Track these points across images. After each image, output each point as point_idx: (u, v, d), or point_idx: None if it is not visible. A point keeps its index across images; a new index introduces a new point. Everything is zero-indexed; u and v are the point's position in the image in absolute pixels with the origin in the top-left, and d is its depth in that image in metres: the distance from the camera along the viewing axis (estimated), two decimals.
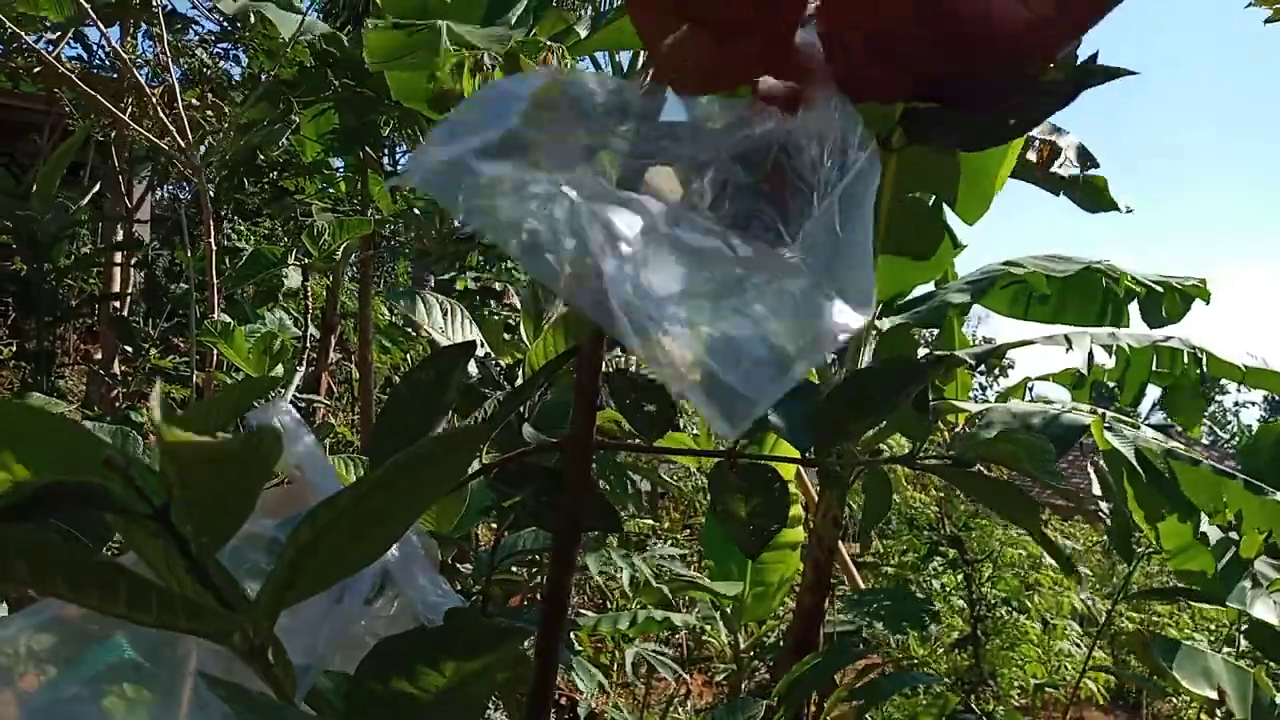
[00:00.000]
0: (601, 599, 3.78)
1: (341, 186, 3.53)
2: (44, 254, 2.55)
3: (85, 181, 3.45)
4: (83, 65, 3.31)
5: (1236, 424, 28.21)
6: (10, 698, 0.43)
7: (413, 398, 0.56)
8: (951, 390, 2.69)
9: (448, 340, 1.03)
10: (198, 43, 2.99)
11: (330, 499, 0.34)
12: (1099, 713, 5.13)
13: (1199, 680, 1.99)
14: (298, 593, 0.38)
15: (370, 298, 3.14)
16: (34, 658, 0.44)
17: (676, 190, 0.46)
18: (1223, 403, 28.03)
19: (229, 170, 3.07)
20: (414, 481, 0.32)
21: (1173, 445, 2.06)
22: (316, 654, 0.44)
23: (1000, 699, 3.40)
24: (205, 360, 2.57)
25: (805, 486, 2.95)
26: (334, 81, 2.55)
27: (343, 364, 5.13)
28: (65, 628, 0.45)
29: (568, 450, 0.60)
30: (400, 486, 0.32)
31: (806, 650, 2.36)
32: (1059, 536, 5.75)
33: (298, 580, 0.37)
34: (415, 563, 0.49)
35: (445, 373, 0.57)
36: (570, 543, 0.61)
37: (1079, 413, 2.03)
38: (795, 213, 0.45)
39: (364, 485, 0.31)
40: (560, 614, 0.60)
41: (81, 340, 4.75)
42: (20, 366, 4.04)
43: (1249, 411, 31.93)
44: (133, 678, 0.45)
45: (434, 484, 0.33)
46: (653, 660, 2.56)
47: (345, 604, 0.47)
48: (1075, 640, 4.05)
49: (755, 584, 2.76)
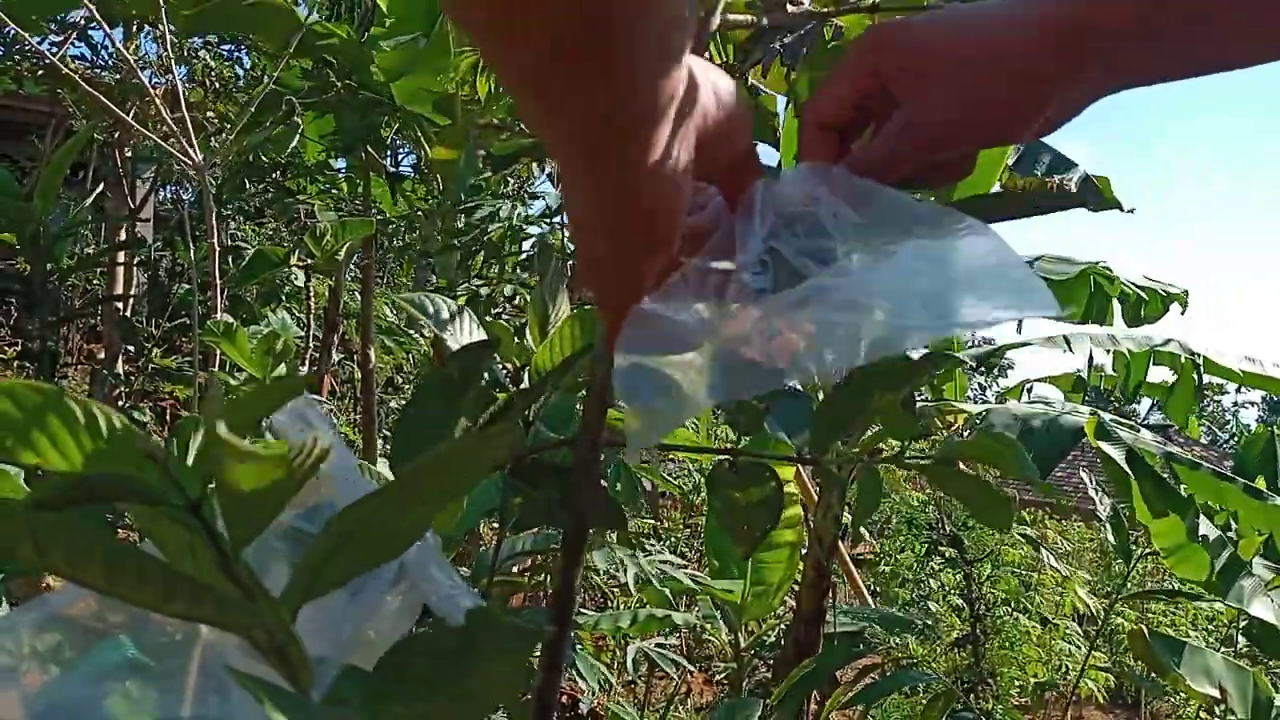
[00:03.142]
0: (603, 598, 3.79)
1: (344, 187, 3.54)
2: (47, 254, 2.56)
3: (88, 182, 3.46)
4: (87, 66, 3.32)
5: (1235, 424, 28.28)
6: (13, 698, 0.43)
7: (437, 393, 0.57)
8: (951, 391, 2.70)
9: (454, 341, 1.04)
10: (201, 44, 3.00)
11: (357, 503, 0.35)
12: (1098, 712, 5.14)
13: (1200, 679, 2.00)
14: (320, 589, 0.39)
15: (372, 298, 3.15)
16: (37, 656, 0.45)
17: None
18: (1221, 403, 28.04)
19: (232, 171, 3.08)
20: (440, 482, 0.33)
21: (1172, 448, 2.07)
22: (335, 649, 0.45)
23: (999, 698, 3.41)
24: (208, 360, 2.58)
25: (805, 486, 2.96)
26: (335, 83, 2.56)
27: (345, 364, 5.15)
28: (68, 626, 0.45)
29: (578, 447, 0.61)
30: (429, 483, 0.33)
31: (807, 649, 2.37)
32: (1058, 538, 5.76)
33: (321, 578, 0.38)
34: (430, 557, 0.50)
35: (469, 370, 0.58)
36: (579, 539, 0.62)
37: (1078, 414, 2.04)
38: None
39: (395, 483, 0.32)
40: (569, 610, 0.61)
41: (85, 340, 4.76)
42: (24, 366, 4.05)
43: (1248, 412, 31.97)
44: (136, 676, 0.45)
45: (458, 485, 0.34)
46: (655, 656, 2.57)
47: (364, 598, 0.47)
48: (1075, 638, 4.06)
49: (755, 583, 2.76)
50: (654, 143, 0.36)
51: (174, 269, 3.53)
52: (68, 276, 2.89)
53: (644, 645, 2.62)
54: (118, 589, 0.30)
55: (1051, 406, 2.16)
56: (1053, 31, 0.45)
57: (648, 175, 0.37)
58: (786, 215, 0.47)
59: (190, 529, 0.32)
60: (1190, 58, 0.46)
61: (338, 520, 0.33)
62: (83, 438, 0.30)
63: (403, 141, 3.19)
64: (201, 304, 2.52)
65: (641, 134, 0.35)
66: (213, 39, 3.09)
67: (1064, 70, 0.46)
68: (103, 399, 3.07)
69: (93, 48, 3.26)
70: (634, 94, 0.33)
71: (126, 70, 2.51)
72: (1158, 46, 0.45)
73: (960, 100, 0.47)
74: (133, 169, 3.45)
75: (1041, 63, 0.46)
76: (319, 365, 3.56)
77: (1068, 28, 0.45)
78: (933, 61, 0.47)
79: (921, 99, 0.48)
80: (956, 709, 2.13)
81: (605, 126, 0.35)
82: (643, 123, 0.35)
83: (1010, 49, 0.46)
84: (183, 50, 2.86)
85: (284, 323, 2.58)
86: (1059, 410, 2.07)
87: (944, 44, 0.47)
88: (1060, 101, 0.48)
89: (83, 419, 0.31)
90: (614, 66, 0.32)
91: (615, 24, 0.31)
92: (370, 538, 0.36)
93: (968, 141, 0.50)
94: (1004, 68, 0.46)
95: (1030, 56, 0.46)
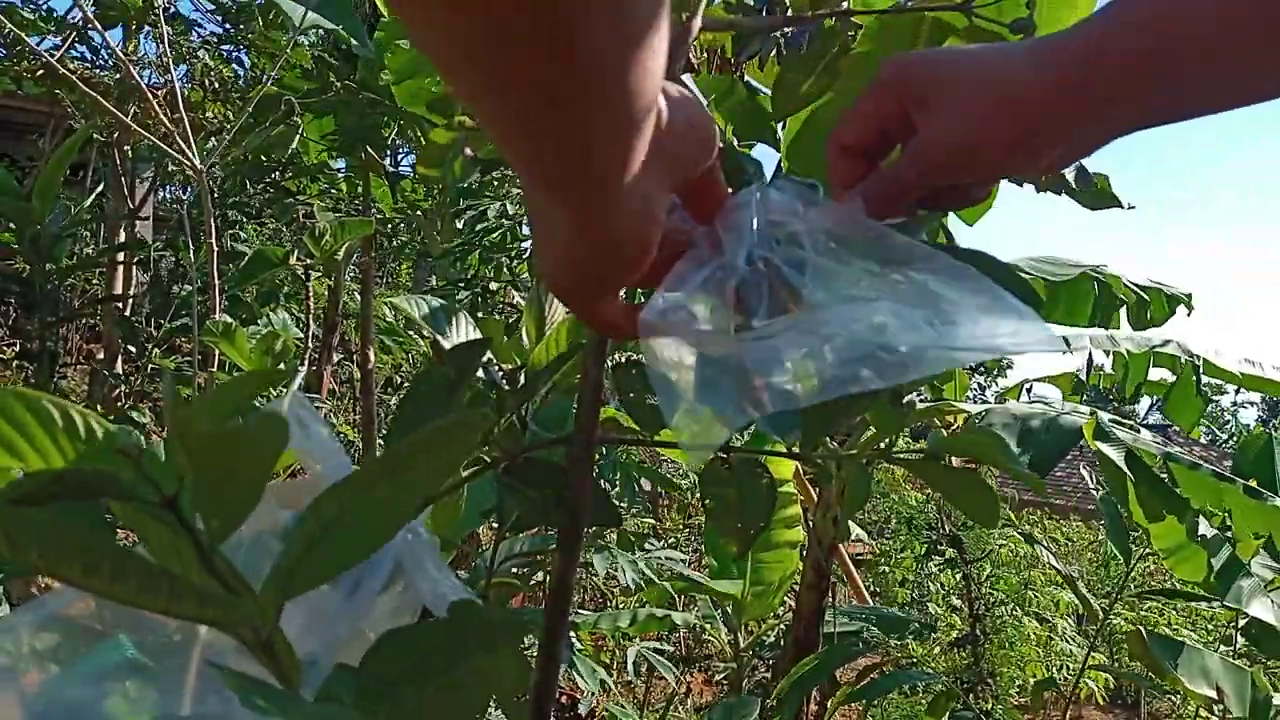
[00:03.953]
0: (602, 598, 3.79)
1: (343, 187, 3.54)
2: (46, 254, 2.56)
3: (87, 182, 3.46)
4: (87, 66, 3.33)
5: (1235, 424, 28.27)
6: (12, 698, 0.43)
7: (431, 392, 0.57)
8: (950, 390, 2.70)
9: (449, 341, 1.04)
10: (200, 44, 3.00)
11: (334, 488, 0.35)
12: (1098, 712, 5.13)
13: (1198, 679, 2.00)
14: (303, 582, 0.39)
15: (372, 298, 3.15)
16: (36, 656, 0.45)
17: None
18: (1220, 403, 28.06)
19: (232, 171, 3.08)
20: (418, 466, 0.33)
21: (1172, 448, 2.07)
22: (328, 647, 0.44)
23: (999, 698, 3.41)
24: (207, 360, 2.58)
25: (805, 487, 2.95)
26: (335, 83, 2.56)
27: (344, 364, 5.15)
28: (66, 625, 0.45)
29: (573, 444, 0.61)
30: (404, 471, 0.32)
31: (806, 649, 2.37)
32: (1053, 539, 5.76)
33: (302, 569, 0.38)
34: (426, 554, 0.50)
35: (463, 369, 0.58)
36: (575, 537, 0.62)
37: (1078, 414, 2.03)
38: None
39: (367, 473, 0.32)
40: (565, 607, 0.61)
41: (84, 340, 4.76)
42: (23, 366, 4.05)
43: (1247, 412, 31.97)
44: (135, 676, 0.45)
45: (439, 469, 0.34)
46: (652, 660, 2.57)
47: (359, 597, 0.47)
48: (1073, 639, 4.06)
49: (755, 583, 2.76)
50: (629, 156, 0.36)
51: (175, 269, 3.54)
52: (67, 276, 2.89)
53: (643, 649, 2.62)
54: (96, 585, 0.29)
55: (1050, 406, 2.15)
56: (1061, 71, 0.46)
57: (615, 204, 0.37)
58: (773, 231, 0.47)
59: (169, 525, 0.32)
60: (1195, 96, 0.47)
61: (316, 507, 0.33)
62: (61, 439, 0.30)
63: (403, 141, 3.19)
64: (201, 304, 2.52)
65: (612, 143, 0.35)
66: (212, 38, 3.09)
67: (1072, 109, 0.47)
68: (102, 399, 3.07)
69: (93, 49, 3.26)
70: (608, 108, 0.33)
71: (125, 71, 2.51)
72: (1160, 85, 0.46)
73: (968, 128, 0.48)
74: (132, 169, 3.45)
75: (1050, 101, 0.47)
76: (318, 365, 3.56)
77: (1072, 64, 0.46)
78: (948, 89, 0.49)
79: (933, 125, 0.49)
80: (956, 709, 2.13)
81: (575, 156, 0.34)
82: (613, 131, 0.34)
83: (1020, 84, 0.47)
84: (182, 50, 2.87)
85: (283, 323, 2.58)
86: (1058, 410, 2.07)
87: (960, 74, 0.49)
88: (1075, 139, 0.49)
89: (60, 421, 0.31)
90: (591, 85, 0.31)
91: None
92: (352, 525, 0.35)
93: (976, 169, 0.51)
94: (1011, 100, 0.47)
95: (1039, 93, 0.47)
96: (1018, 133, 0.48)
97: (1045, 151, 0.50)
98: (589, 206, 0.38)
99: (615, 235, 0.39)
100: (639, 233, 0.40)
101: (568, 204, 0.38)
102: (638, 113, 0.34)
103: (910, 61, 0.51)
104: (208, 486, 0.31)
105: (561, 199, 0.38)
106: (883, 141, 0.52)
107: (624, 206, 0.38)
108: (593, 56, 0.30)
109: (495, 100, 0.32)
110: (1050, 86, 0.47)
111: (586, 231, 0.39)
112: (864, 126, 0.52)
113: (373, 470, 0.33)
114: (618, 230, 0.39)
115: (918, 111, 0.50)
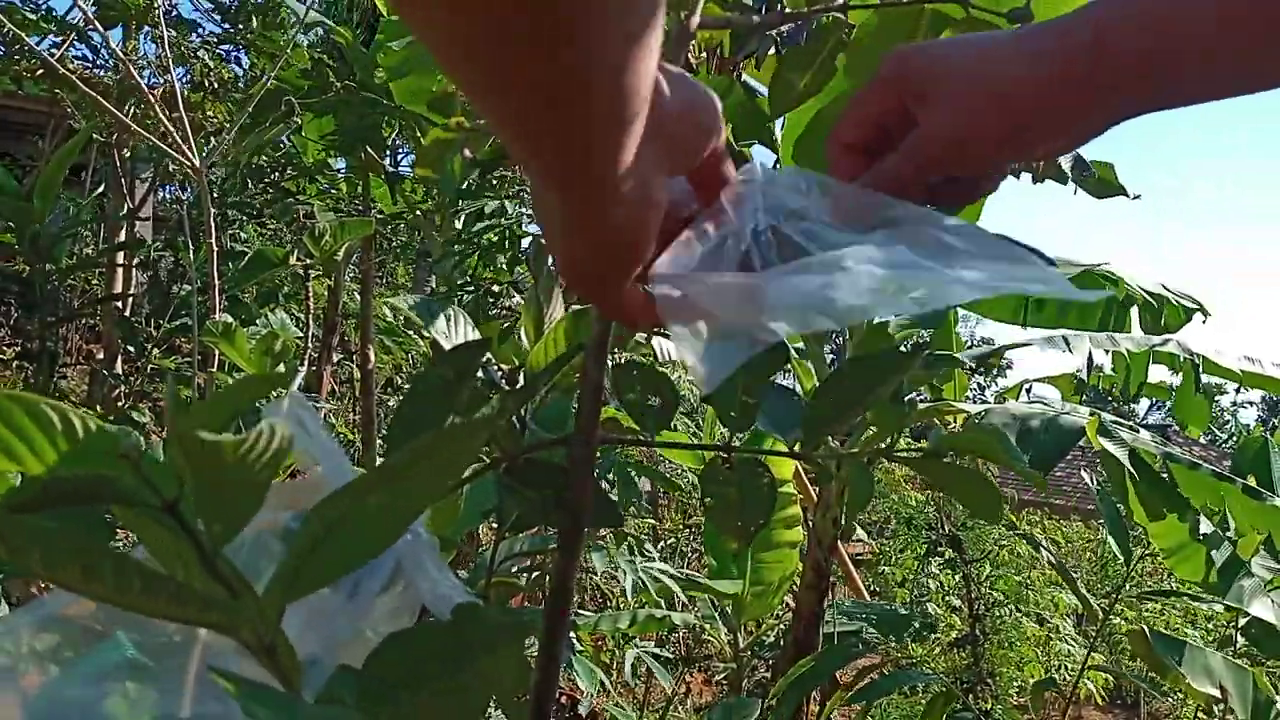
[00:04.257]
0: (602, 599, 3.79)
1: (343, 187, 3.54)
2: (46, 254, 2.56)
3: (87, 182, 3.46)
4: (87, 66, 3.32)
5: (1234, 424, 28.27)
6: (12, 698, 0.43)
7: (431, 393, 0.57)
8: (950, 391, 2.70)
9: (448, 342, 1.04)
10: (199, 44, 3.00)
11: (337, 492, 0.34)
12: (1097, 712, 5.13)
13: (1201, 678, 2.00)
14: (305, 586, 0.39)
15: (372, 298, 3.15)
16: (36, 656, 0.44)
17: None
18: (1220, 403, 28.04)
19: (231, 171, 3.08)
20: (420, 472, 0.32)
21: (1172, 448, 2.07)
22: (329, 648, 0.44)
23: (998, 698, 3.41)
24: (207, 360, 2.58)
25: (805, 487, 2.95)
26: (335, 83, 2.56)
27: (344, 364, 5.15)
28: (66, 626, 0.45)
29: (573, 445, 0.61)
30: (407, 477, 0.32)
31: (806, 649, 2.37)
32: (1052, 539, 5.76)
33: (305, 573, 0.38)
34: (426, 554, 0.50)
35: (463, 369, 0.58)
36: (575, 537, 0.62)
37: (1078, 414, 2.04)
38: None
39: (369, 478, 0.32)
40: (565, 607, 0.61)
41: (84, 340, 4.76)
42: (23, 366, 4.05)
43: (1247, 412, 31.96)
44: (135, 676, 0.45)
45: (441, 474, 0.34)
46: (651, 664, 2.57)
47: (360, 599, 0.47)
48: (1072, 639, 4.06)
49: (755, 583, 2.76)
50: (623, 153, 0.36)
51: (174, 269, 3.53)
52: (67, 276, 2.89)
53: (641, 652, 2.62)
54: (95, 590, 0.29)
55: (1050, 406, 2.16)
56: (1064, 65, 0.46)
57: (613, 199, 0.38)
58: (779, 207, 0.47)
59: (170, 529, 0.32)
60: (1195, 92, 0.47)
61: (320, 510, 0.33)
62: (61, 443, 0.30)
63: (403, 141, 3.19)
64: (201, 304, 2.52)
65: (610, 143, 0.35)
66: (211, 38, 3.09)
67: (1075, 102, 0.47)
68: (102, 399, 3.07)
69: (93, 48, 3.26)
70: (606, 102, 0.33)
71: (125, 71, 2.51)
72: (1160, 84, 0.46)
73: (958, 123, 0.48)
74: (132, 169, 3.45)
75: (1045, 96, 0.47)
76: (318, 365, 3.56)
77: (1076, 58, 0.46)
78: (944, 82, 0.49)
79: (931, 118, 0.49)
80: (956, 709, 2.12)
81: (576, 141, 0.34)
82: (611, 130, 0.34)
83: (1008, 80, 0.47)
84: (181, 50, 2.86)
85: (283, 323, 2.58)
86: (1058, 410, 2.07)
87: (957, 66, 0.49)
88: (1075, 128, 0.49)
89: (59, 425, 0.31)
90: (591, 75, 0.31)
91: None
92: (354, 528, 0.35)
93: (974, 160, 0.51)
94: (999, 96, 0.47)
95: (1030, 89, 0.47)
96: (1005, 128, 0.48)
97: (1039, 145, 0.50)
98: (589, 206, 0.38)
99: (614, 228, 0.39)
100: (637, 220, 0.40)
101: (568, 202, 0.38)
102: (634, 112, 0.34)
103: (909, 55, 0.51)
104: (209, 493, 0.30)
105: (563, 197, 0.38)
106: (883, 138, 0.52)
107: (621, 197, 0.38)
108: (592, 56, 0.30)
109: (496, 99, 0.33)
110: (1047, 81, 0.46)
111: (588, 230, 0.39)
112: (864, 123, 0.52)
113: (375, 475, 0.32)
114: (616, 222, 0.39)
115: (917, 106, 0.49)
